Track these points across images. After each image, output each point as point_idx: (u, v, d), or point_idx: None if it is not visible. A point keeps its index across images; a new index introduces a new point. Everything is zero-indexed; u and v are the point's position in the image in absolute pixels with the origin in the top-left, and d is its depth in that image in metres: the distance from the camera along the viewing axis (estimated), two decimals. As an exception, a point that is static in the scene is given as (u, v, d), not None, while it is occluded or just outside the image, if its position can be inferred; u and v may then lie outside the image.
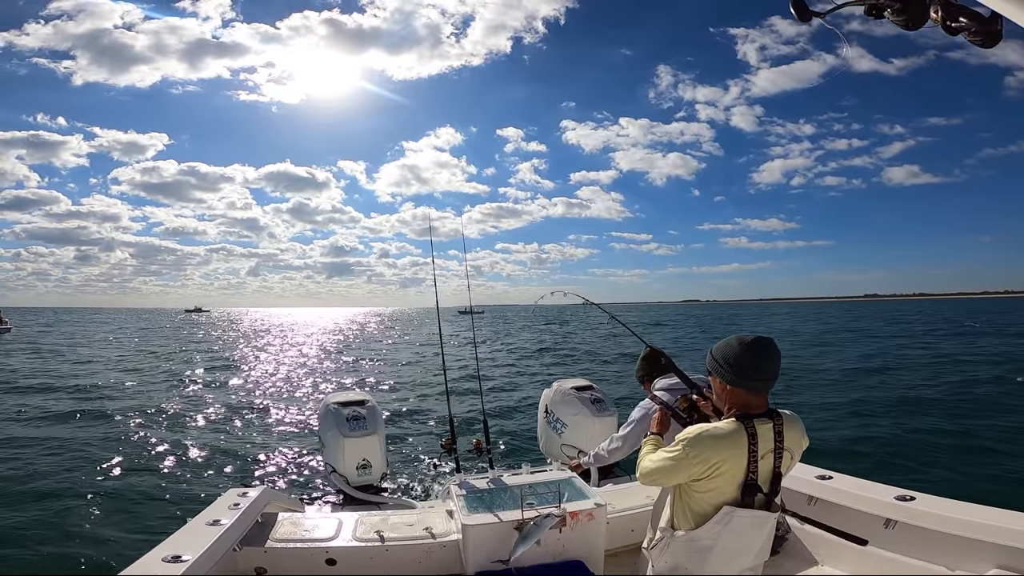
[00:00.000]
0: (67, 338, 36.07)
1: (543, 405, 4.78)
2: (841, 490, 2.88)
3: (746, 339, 1.88)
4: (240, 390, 15.36)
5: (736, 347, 1.88)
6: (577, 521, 2.74)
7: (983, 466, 7.16)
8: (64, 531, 5.60)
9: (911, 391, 12.74)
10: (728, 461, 1.79)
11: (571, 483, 3.08)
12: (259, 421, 10.94)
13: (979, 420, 9.52)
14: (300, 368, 20.72)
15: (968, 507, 2.44)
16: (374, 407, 4.79)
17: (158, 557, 2.28)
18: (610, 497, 3.18)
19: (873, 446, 8.25)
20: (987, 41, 1.10)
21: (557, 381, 4.87)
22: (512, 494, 2.91)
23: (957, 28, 1.12)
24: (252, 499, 3.07)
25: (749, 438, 1.80)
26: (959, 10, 1.10)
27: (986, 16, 1.07)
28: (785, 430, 1.86)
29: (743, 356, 1.85)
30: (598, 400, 4.54)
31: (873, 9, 1.25)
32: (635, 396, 3.30)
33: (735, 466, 1.80)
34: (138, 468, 7.77)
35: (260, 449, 8.85)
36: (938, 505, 2.53)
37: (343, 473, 4.51)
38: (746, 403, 1.86)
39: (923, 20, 1.18)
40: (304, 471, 7.64)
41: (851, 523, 2.64)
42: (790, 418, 1.90)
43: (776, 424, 1.84)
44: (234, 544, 2.70)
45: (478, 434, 4.73)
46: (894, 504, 2.63)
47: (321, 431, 4.83)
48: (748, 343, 1.87)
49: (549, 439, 4.66)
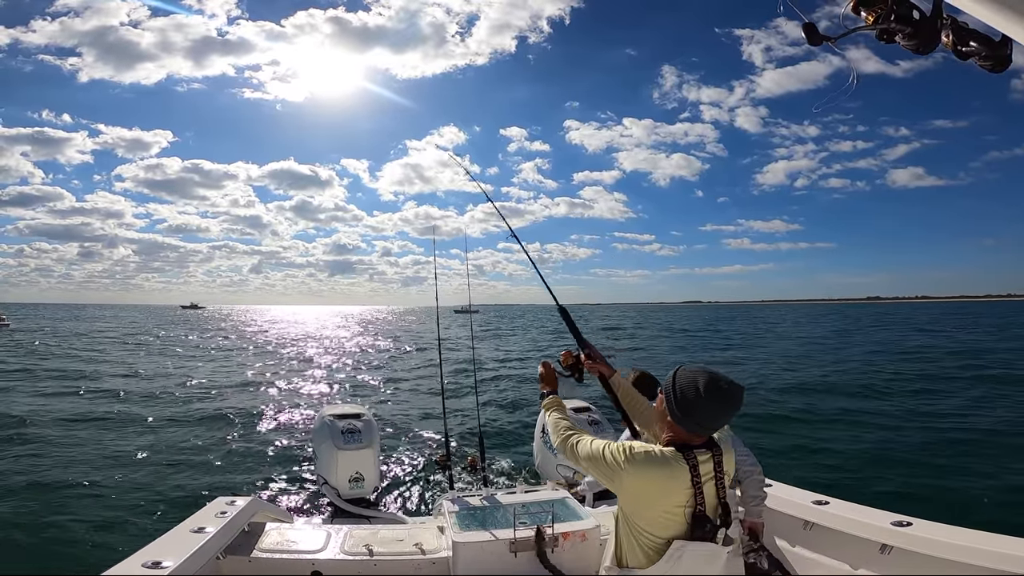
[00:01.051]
0: (63, 338, 36.00)
1: (540, 425, 4.75)
2: (837, 515, 2.86)
3: (711, 386, 1.71)
4: (232, 396, 15.26)
5: (696, 392, 1.72)
6: (569, 541, 2.70)
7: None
8: (43, 530, 5.52)
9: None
10: (664, 489, 1.72)
11: (565, 503, 3.04)
12: (250, 429, 10.83)
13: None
14: (297, 374, 20.61)
15: (965, 532, 2.44)
16: (370, 420, 4.74)
17: (138, 562, 2.24)
18: (604, 518, 3.13)
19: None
20: (997, 66, 1.10)
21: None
22: (505, 512, 2.87)
23: (968, 52, 1.13)
24: (240, 508, 3.03)
25: (691, 469, 1.72)
26: (970, 34, 1.10)
27: (996, 41, 1.07)
28: (724, 459, 1.81)
29: (703, 405, 1.72)
30: (595, 422, 4.53)
31: (884, 34, 1.25)
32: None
33: (677, 496, 1.72)
34: (125, 471, 7.68)
35: (251, 458, 8.74)
36: (935, 531, 2.51)
37: (335, 485, 4.45)
38: (687, 439, 1.79)
39: (934, 45, 1.19)
40: (295, 482, 7.53)
41: (847, 549, 2.66)
42: (726, 446, 1.85)
43: (715, 455, 1.78)
44: (218, 552, 2.65)
45: (473, 451, 4.68)
46: (890, 530, 2.61)
47: (315, 442, 4.78)
48: (711, 391, 1.71)
49: (545, 459, 4.62)
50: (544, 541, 2.62)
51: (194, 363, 23.15)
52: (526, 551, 2.67)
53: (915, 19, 1.15)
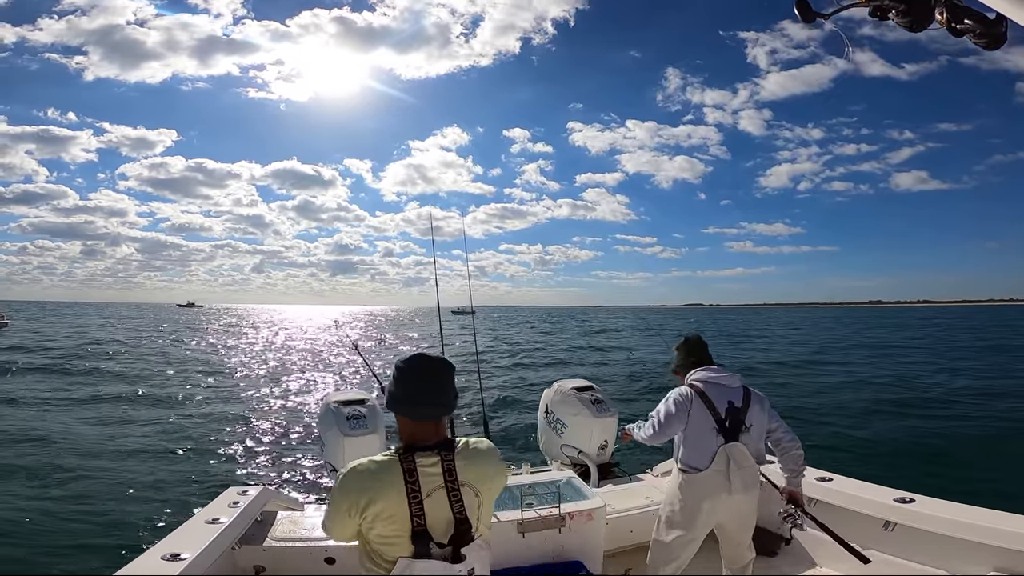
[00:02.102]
0: (62, 336, 36.00)
1: (543, 405, 4.76)
2: (841, 492, 2.90)
3: (411, 361, 1.59)
4: (239, 389, 15.37)
5: (396, 370, 1.59)
6: (576, 521, 2.74)
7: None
8: (59, 527, 5.59)
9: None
10: (380, 503, 1.46)
11: (571, 483, 3.08)
12: (258, 420, 10.94)
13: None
14: (302, 367, 20.73)
15: (966, 509, 2.47)
16: (374, 406, 4.78)
17: (157, 555, 2.28)
18: (609, 498, 3.20)
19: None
20: (992, 43, 1.09)
21: (557, 381, 4.86)
22: (511, 494, 2.90)
23: (962, 30, 1.11)
24: (252, 498, 3.07)
25: (405, 475, 1.48)
26: (964, 11, 1.09)
27: (991, 18, 1.06)
28: (461, 463, 1.54)
29: (399, 379, 1.58)
30: (599, 400, 4.53)
31: (878, 11, 1.23)
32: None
33: (394, 509, 1.46)
34: (137, 464, 7.78)
35: (260, 448, 8.87)
36: (937, 507, 2.55)
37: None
38: (412, 433, 1.56)
39: (928, 22, 1.17)
40: (304, 470, 7.65)
41: (851, 525, 2.68)
42: (470, 451, 1.58)
43: (445, 458, 1.52)
44: (233, 543, 2.70)
45: (479, 432, 4.72)
46: (893, 506, 2.65)
47: (321, 430, 4.81)
48: (405, 364, 1.59)
49: (549, 439, 4.65)
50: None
51: (200, 358, 23.25)
52: (534, 531, 2.72)
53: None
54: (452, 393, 1.61)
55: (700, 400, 2.59)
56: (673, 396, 2.67)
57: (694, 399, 2.60)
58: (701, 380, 2.67)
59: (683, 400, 2.63)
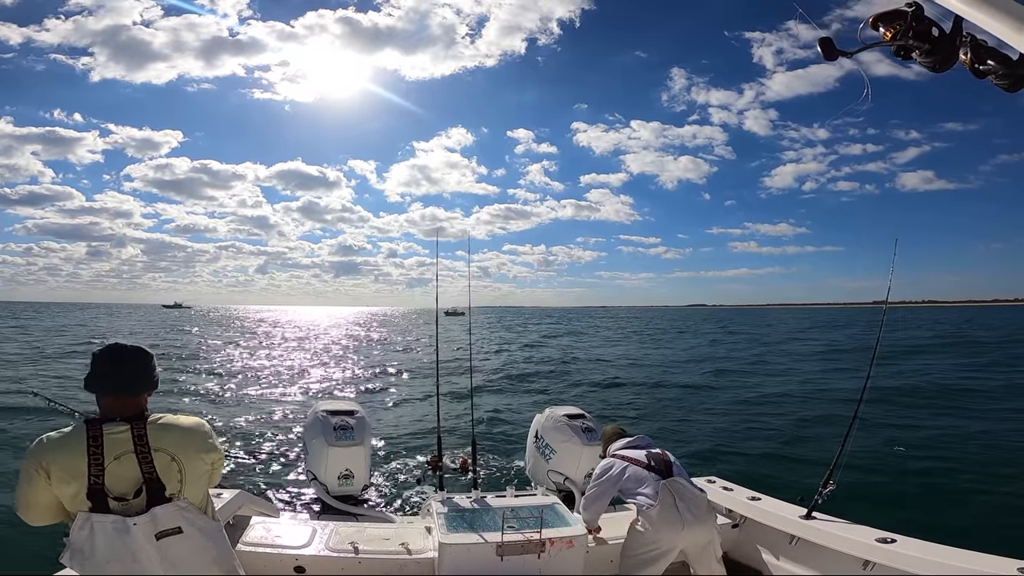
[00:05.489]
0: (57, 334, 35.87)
1: (534, 430, 4.72)
2: (822, 530, 2.91)
3: (106, 348, 1.94)
4: (222, 388, 15.22)
5: (93, 356, 1.93)
6: (556, 547, 2.69)
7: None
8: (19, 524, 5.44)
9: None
10: (61, 463, 1.73)
11: (554, 509, 3.03)
12: (240, 422, 10.80)
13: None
14: (289, 369, 20.57)
15: (947, 550, 2.47)
16: (363, 417, 4.72)
17: None
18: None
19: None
20: (1014, 85, 1.09)
21: (549, 407, 4.83)
22: (494, 516, 2.86)
23: (985, 71, 1.12)
24: (226, 500, 3.04)
25: (89, 440, 1.74)
26: (988, 52, 1.09)
27: (1015, 59, 1.07)
28: (156, 432, 1.83)
29: (92, 362, 1.91)
30: (589, 429, 4.49)
31: (902, 50, 1.24)
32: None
33: (75, 470, 1.73)
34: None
35: (240, 450, 8.71)
36: (918, 548, 2.55)
37: (324, 481, 4.41)
38: (105, 406, 1.86)
39: (952, 62, 1.18)
40: (284, 476, 7.49)
41: (831, 564, 2.72)
42: (167, 423, 1.88)
43: (136, 427, 1.80)
44: None
45: (465, 452, 4.65)
46: (874, 546, 2.65)
47: (306, 437, 4.74)
48: (99, 351, 1.93)
49: (536, 464, 4.59)
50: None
51: (189, 357, 23.10)
52: (513, 555, 2.65)
53: (934, 36, 1.14)
54: (140, 375, 1.91)
55: (624, 459, 3.01)
56: (600, 465, 3.12)
57: (616, 461, 3.03)
58: (620, 447, 3.15)
59: (608, 464, 3.06)
